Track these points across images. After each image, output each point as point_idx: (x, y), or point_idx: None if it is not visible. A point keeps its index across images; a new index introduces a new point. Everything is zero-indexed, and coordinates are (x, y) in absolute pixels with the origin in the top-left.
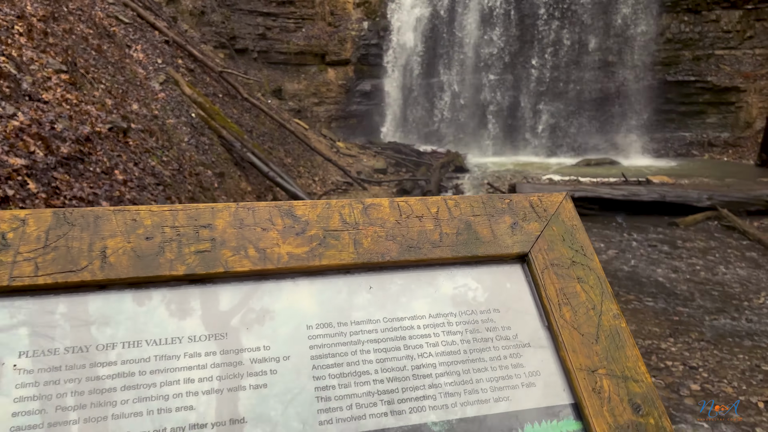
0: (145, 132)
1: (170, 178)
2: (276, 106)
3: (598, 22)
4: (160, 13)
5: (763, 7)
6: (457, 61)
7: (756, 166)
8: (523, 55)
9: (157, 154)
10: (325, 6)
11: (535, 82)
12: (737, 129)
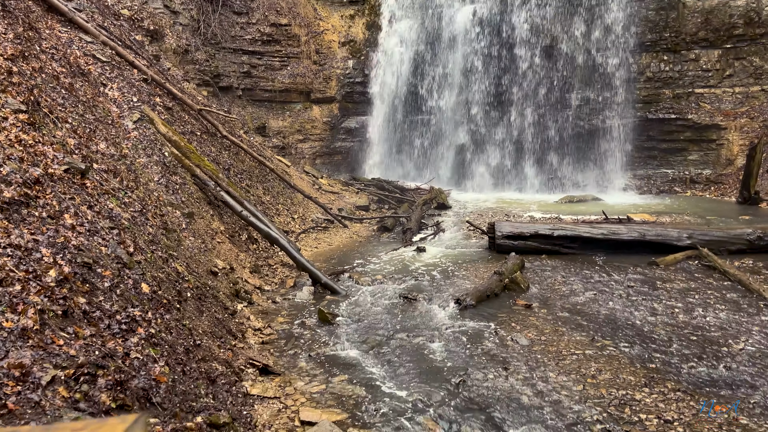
0: (108, 172)
1: (129, 220)
2: (259, 143)
3: (580, 61)
4: (141, 52)
5: (741, 46)
6: (441, 99)
7: (737, 204)
8: (506, 93)
9: (118, 196)
10: (310, 45)
11: (518, 119)
12: (719, 166)
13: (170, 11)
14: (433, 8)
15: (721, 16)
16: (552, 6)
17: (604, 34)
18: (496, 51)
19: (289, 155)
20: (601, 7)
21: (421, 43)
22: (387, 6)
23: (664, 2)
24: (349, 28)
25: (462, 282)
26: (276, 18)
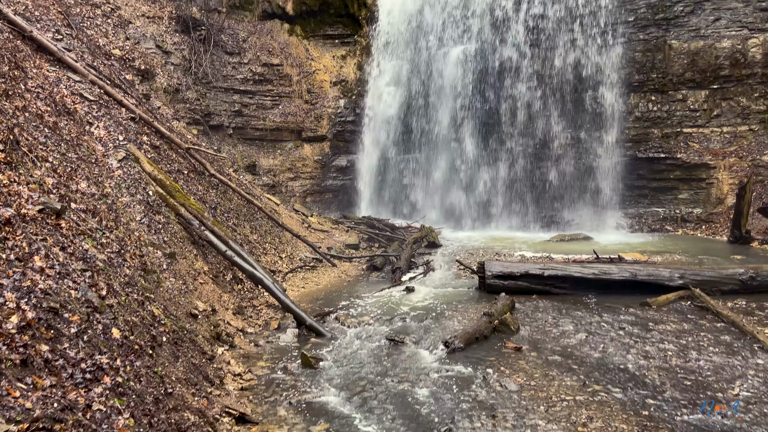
0: (86, 212)
1: (105, 262)
2: (248, 181)
3: (569, 100)
4: (131, 91)
5: (728, 86)
6: (431, 137)
7: (729, 243)
8: (496, 132)
9: (95, 236)
10: (302, 84)
11: (509, 158)
12: (709, 205)
13: (162, 51)
14: (423, 49)
15: (707, 58)
16: (540, 47)
17: (592, 73)
18: (485, 90)
19: (280, 193)
20: (590, 48)
21: (411, 82)
22: (378, 47)
23: (650, 44)
24: (340, 68)
25: (451, 323)
26: (268, 58)
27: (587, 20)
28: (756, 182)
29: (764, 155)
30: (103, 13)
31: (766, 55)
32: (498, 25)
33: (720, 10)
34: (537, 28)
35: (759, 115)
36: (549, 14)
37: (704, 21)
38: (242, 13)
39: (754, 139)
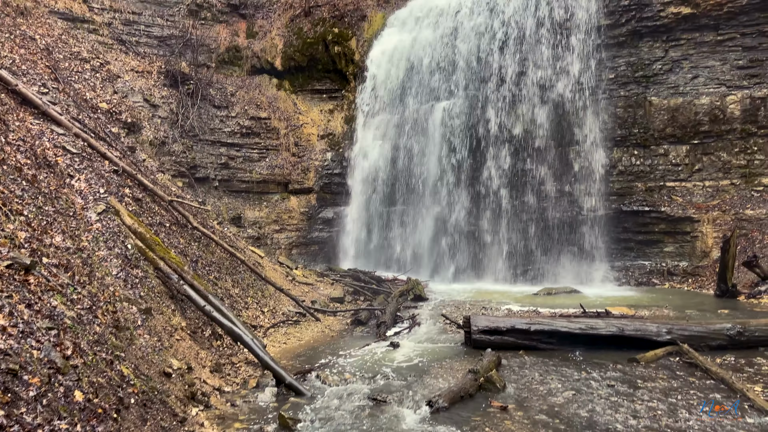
0: (59, 267)
1: (74, 319)
2: (233, 234)
3: (553, 154)
4: (115, 144)
5: (709, 142)
6: (418, 190)
7: (716, 297)
8: (482, 185)
9: (66, 292)
10: (289, 137)
11: (495, 211)
12: (695, 258)
13: (150, 105)
14: (408, 104)
15: (687, 114)
16: (524, 102)
17: (576, 128)
18: (470, 144)
19: (265, 246)
20: (573, 103)
21: (397, 136)
22: (365, 102)
23: (631, 100)
24: (328, 122)
25: (435, 381)
26: (256, 111)
27: (569, 77)
28: (740, 236)
29: (747, 209)
30: (92, 68)
31: (744, 112)
32: (482, 82)
33: (698, 68)
34: (520, 84)
35: (740, 170)
36: (529, 73)
37: (683, 79)
38: (231, 68)
39: (737, 193)
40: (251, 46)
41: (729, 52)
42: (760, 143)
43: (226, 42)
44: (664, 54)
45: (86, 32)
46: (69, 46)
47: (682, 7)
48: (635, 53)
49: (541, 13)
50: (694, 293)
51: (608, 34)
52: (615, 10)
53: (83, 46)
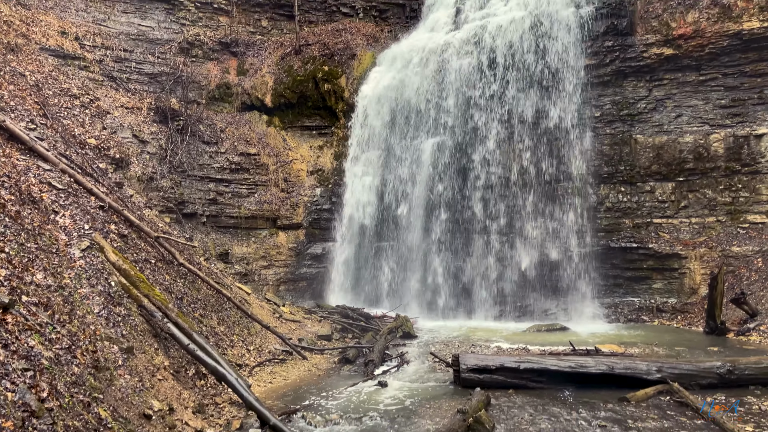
0: (39, 305)
1: (51, 359)
2: (220, 270)
3: (541, 191)
4: (102, 179)
5: (694, 179)
6: (407, 226)
7: (705, 334)
8: (471, 221)
9: (45, 332)
10: (278, 173)
11: (484, 247)
12: (683, 295)
13: (139, 140)
14: (398, 140)
15: (672, 152)
16: (512, 139)
17: (564, 165)
18: (458, 181)
19: (252, 282)
20: (560, 140)
21: (386, 172)
22: (355, 137)
23: (617, 138)
24: (317, 158)
25: (424, 422)
26: (245, 147)
27: (556, 115)
28: (727, 272)
29: (733, 246)
30: (81, 104)
31: (728, 150)
32: (470, 120)
33: (681, 107)
34: (507, 121)
35: (725, 207)
36: (516, 111)
37: (666, 117)
38: (221, 104)
39: (723, 230)
40: (241, 83)
41: (711, 91)
42: (745, 181)
43: (217, 79)
44: (648, 93)
45: (77, 69)
46: (59, 83)
47: (664, 49)
48: (620, 92)
49: (527, 52)
50: (684, 330)
51: (593, 73)
52: (599, 50)
53: (73, 83)
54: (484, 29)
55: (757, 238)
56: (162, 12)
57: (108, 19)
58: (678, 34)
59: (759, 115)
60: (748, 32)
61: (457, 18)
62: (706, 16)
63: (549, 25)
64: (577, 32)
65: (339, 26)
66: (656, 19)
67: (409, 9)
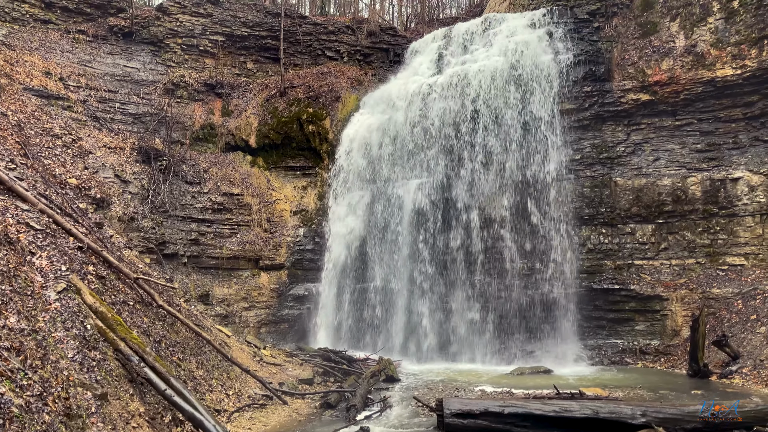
0: (11, 350)
1: (22, 407)
2: (200, 312)
3: (524, 231)
4: (82, 220)
5: (673, 221)
6: (390, 268)
7: (688, 376)
8: (455, 263)
9: (16, 378)
10: (262, 213)
11: (467, 289)
12: (666, 337)
13: (120, 180)
14: (381, 181)
15: (651, 194)
16: (495, 182)
17: (545, 206)
18: (442, 222)
19: (233, 324)
20: (543, 183)
21: (370, 213)
22: (338, 178)
23: (597, 180)
24: (301, 198)
25: None
26: (229, 188)
27: (537, 158)
28: (708, 314)
29: (713, 288)
30: (63, 144)
31: (705, 193)
32: (453, 162)
33: (659, 151)
34: (491, 164)
35: (704, 249)
36: (498, 154)
37: (645, 161)
38: (205, 145)
39: (702, 272)
40: (226, 123)
41: (687, 136)
42: (722, 223)
43: (201, 120)
44: (626, 137)
45: (60, 109)
46: (41, 123)
47: (641, 94)
48: (599, 136)
49: (508, 96)
50: (667, 373)
51: (573, 117)
52: (578, 95)
53: (56, 123)
54: (466, 74)
55: (736, 280)
56: (148, 54)
57: (93, 60)
58: (653, 80)
59: (734, 160)
60: (722, 80)
61: (439, 63)
62: (680, 64)
63: (529, 71)
64: (556, 78)
65: (324, 69)
66: (632, 66)
67: (393, 53)
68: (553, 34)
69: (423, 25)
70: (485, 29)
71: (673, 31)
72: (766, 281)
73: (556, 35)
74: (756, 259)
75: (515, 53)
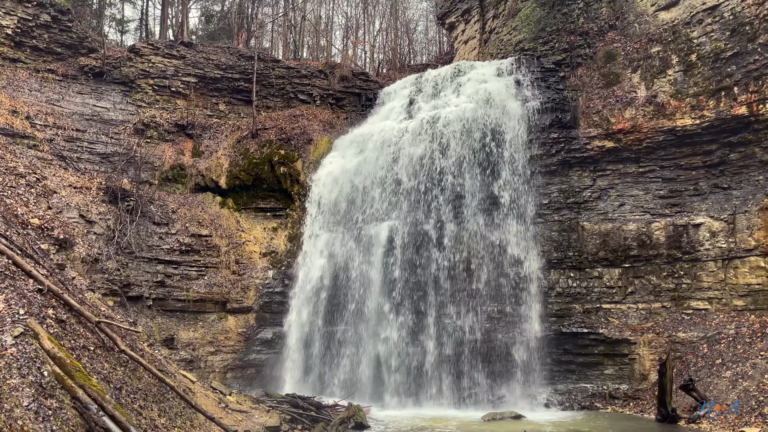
0: None
1: None
2: (164, 356)
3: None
4: (43, 261)
5: (638, 266)
6: (360, 311)
7: (657, 421)
8: (425, 306)
9: None
10: (230, 255)
11: (438, 333)
12: (634, 381)
13: (85, 221)
14: (352, 223)
15: (617, 239)
16: (464, 225)
17: (513, 251)
18: (412, 265)
19: (198, 369)
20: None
21: (340, 256)
22: (309, 220)
23: (565, 225)
24: (271, 240)
25: None
26: (197, 229)
27: (506, 201)
28: (675, 359)
29: (679, 332)
30: (27, 183)
31: (669, 238)
32: (424, 204)
33: (624, 197)
34: (460, 207)
35: (669, 293)
36: (469, 197)
37: (611, 206)
38: (174, 185)
39: (668, 316)
40: (196, 164)
41: (651, 182)
42: (686, 268)
43: (171, 160)
44: (592, 182)
45: (26, 148)
46: (5, 161)
47: (605, 142)
48: (566, 181)
49: (478, 141)
50: (636, 418)
51: (541, 163)
52: (546, 141)
53: (20, 161)
54: (437, 119)
55: (701, 324)
56: (118, 94)
57: (62, 99)
58: (617, 128)
59: (696, 206)
60: (681, 129)
61: (410, 108)
62: (642, 113)
63: (498, 117)
64: (524, 124)
65: (296, 112)
66: (597, 114)
67: (365, 98)
68: (521, 82)
69: (394, 70)
70: (455, 76)
71: (635, 81)
72: (730, 325)
73: (523, 83)
74: (719, 303)
75: (485, 100)
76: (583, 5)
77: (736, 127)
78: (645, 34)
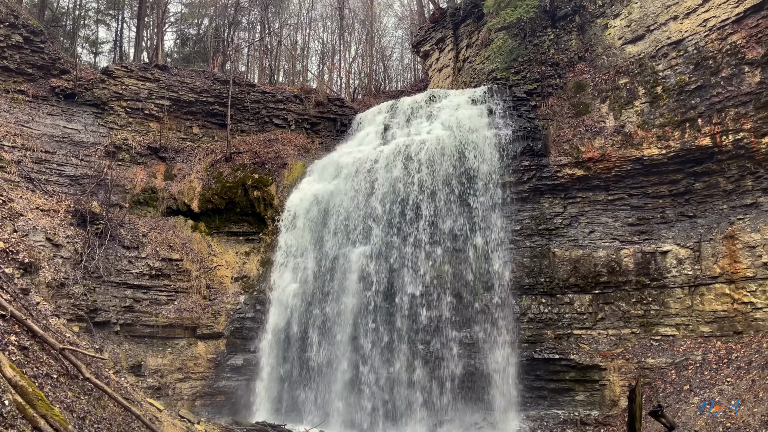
0: None
1: None
2: (131, 384)
3: (467, 301)
4: (7, 286)
5: (608, 292)
6: (333, 337)
7: None
8: (398, 334)
9: None
10: (201, 280)
11: (411, 360)
12: (605, 407)
13: (52, 244)
14: (325, 249)
15: (587, 265)
16: (437, 251)
17: (487, 276)
18: (386, 290)
19: (166, 396)
20: (484, 252)
21: (313, 280)
22: (282, 244)
23: (536, 251)
24: (243, 264)
25: None
26: (168, 253)
27: (479, 227)
28: (644, 384)
29: (648, 358)
30: None
31: (637, 265)
32: (397, 230)
33: (593, 224)
34: (434, 233)
35: (638, 319)
36: (442, 223)
37: (581, 233)
38: (145, 208)
39: (638, 342)
40: (168, 187)
41: (619, 210)
42: (654, 294)
43: (143, 183)
44: (563, 209)
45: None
46: None
47: (576, 170)
48: (538, 208)
49: (451, 168)
50: None
51: (513, 189)
52: (518, 169)
53: None
54: (411, 145)
55: (669, 350)
56: (90, 115)
57: (32, 120)
58: (587, 157)
59: (663, 233)
60: (648, 158)
61: (385, 134)
62: (611, 143)
63: (471, 144)
64: (496, 152)
65: (271, 136)
66: (567, 143)
67: (340, 123)
68: (493, 111)
69: (370, 96)
70: (429, 103)
71: (604, 112)
72: (697, 351)
73: (496, 111)
74: (686, 329)
75: (458, 127)
76: (553, 37)
77: (701, 157)
78: (613, 66)
